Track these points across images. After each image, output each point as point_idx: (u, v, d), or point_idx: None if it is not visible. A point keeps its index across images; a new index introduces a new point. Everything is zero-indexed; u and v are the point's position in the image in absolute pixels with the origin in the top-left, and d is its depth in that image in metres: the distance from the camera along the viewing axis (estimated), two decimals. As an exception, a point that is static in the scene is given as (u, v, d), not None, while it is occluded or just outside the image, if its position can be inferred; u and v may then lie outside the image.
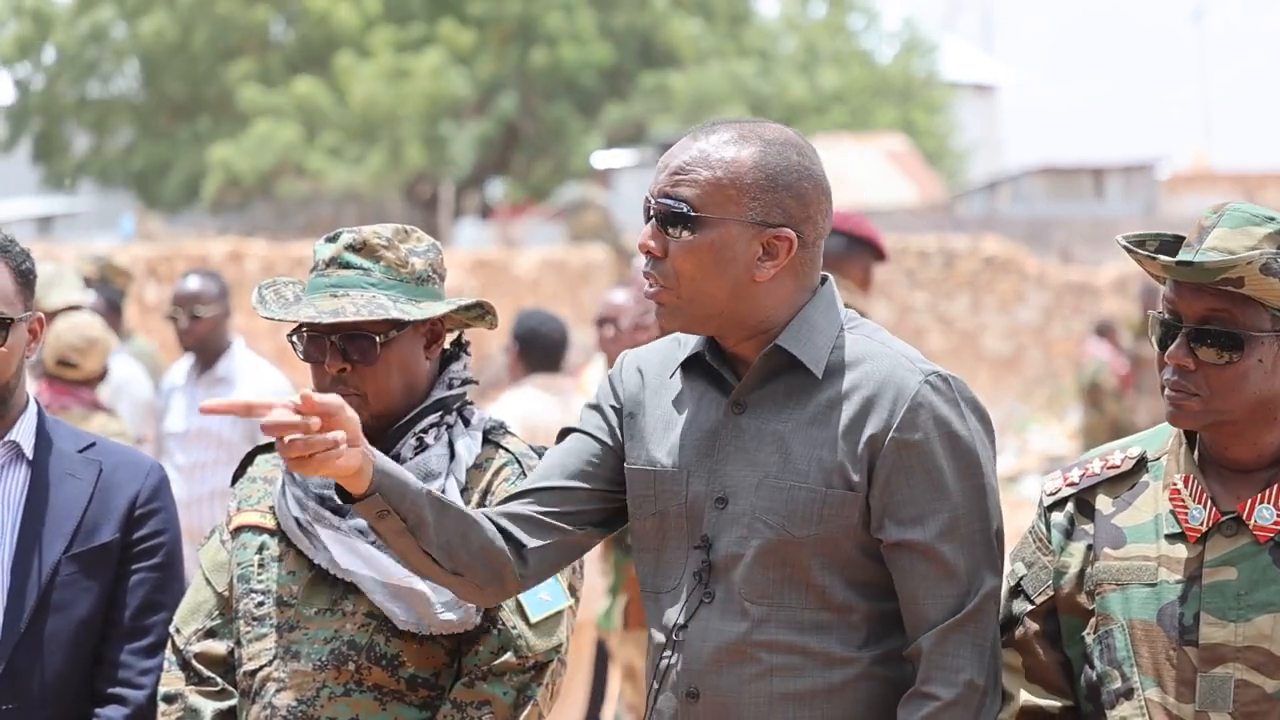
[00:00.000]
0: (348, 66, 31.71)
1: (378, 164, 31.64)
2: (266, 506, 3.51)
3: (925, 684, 2.98)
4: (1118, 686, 2.98)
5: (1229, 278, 2.88)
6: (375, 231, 3.46)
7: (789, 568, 3.02)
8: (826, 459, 3.01)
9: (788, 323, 3.06)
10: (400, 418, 3.44)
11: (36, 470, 3.55)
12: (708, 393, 3.11)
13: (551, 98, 33.77)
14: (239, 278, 17.26)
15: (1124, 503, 3.05)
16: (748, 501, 3.03)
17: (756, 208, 3.04)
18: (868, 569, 3.04)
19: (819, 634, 3.02)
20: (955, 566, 2.99)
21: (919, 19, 47.15)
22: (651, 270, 3.06)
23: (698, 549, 3.06)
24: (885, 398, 3.01)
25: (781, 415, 3.05)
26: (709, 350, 3.11)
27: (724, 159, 3.04)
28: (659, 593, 3.12)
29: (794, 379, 3.06)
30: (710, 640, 3.04)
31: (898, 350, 3.08)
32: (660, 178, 3.06)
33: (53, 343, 6.84)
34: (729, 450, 3.06)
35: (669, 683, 3.07)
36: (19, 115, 35.12)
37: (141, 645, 3.54)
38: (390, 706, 3.37)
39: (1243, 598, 2.92)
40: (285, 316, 3.40)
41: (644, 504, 3.13)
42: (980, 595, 3.00)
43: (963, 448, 3.01)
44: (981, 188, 38.27)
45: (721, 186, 3.03)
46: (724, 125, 3.10)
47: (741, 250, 3.04)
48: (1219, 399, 2.93)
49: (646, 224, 3.08)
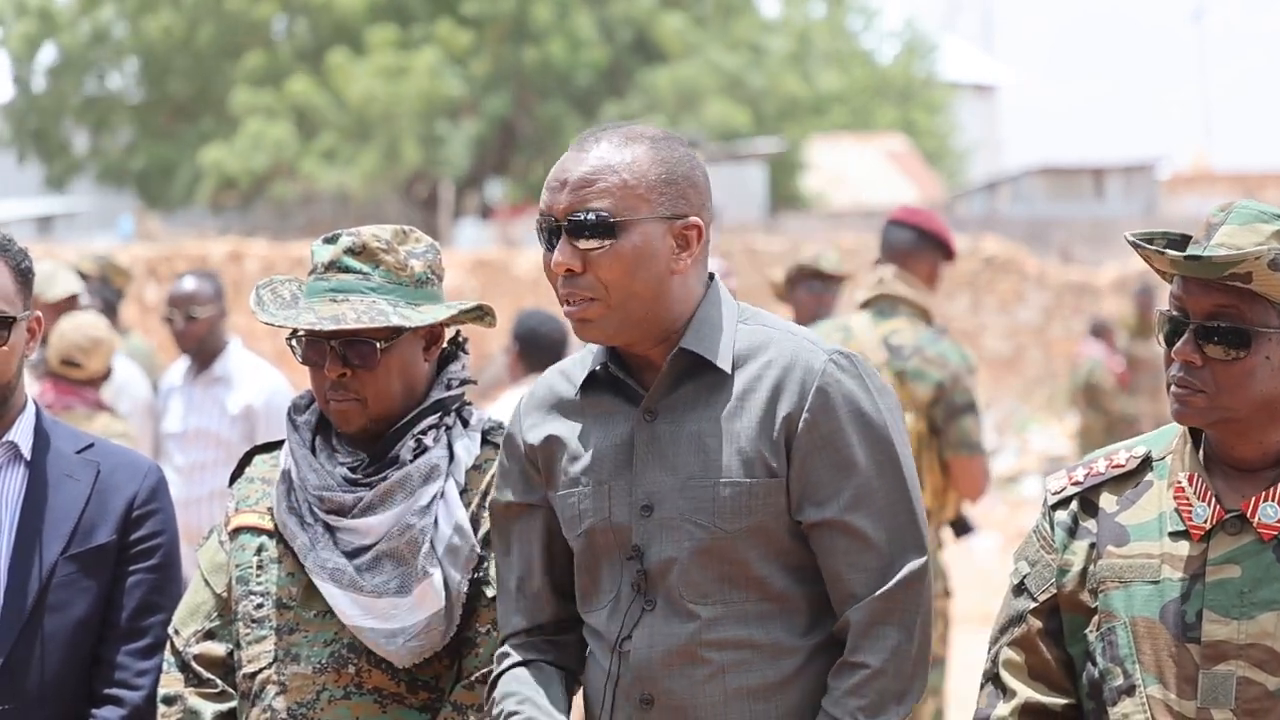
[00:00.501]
0: (343, 64, 31.69)
1: (372, 163, 31.63)
2: (265, 508, 3.50)
3: (854, 654, 3.03)
4: (1119, 683, 2.97)
5: (1237, 273, 2.87)
6: (374, 234, 3.44)
7: (727, 564, 3.05)
8: (746, 450, 3.05)
9: (688, 324, 3.11)
10: (399, 419, 3.44)
11: (34, 471, 3.54)
12: (615, 405, 3.13)
13: (547, 96, 33.76)
14: (239, 278, 17.26)
15: (1128, 501, 3.05)
16: (673, 506, 3.07)
17: (665, 202, 3.09)
18: (802, 554, 3.08)
19: (764, 626, 3.06)
20: (873, 539, 3.04)
21: (919, 19, 47.17)
22: (573, 288, 3.07)
23: (630, 560, 3.09)
24: (793, 380, 3.07)
25: (694, 415, 3.09)
26: (612, 362, 3.15)
27: (624, 162, 3.08)
28: (596, 609, 3.15)
29: (702, 378, 3.11)
30: (658, 646, 3.07)
31: (798, 333, 3.14)
32: (562, 195, 3.08)
33: (57, 342, 6.84)
34: (647, 459, 3.10)
35: (621, 692, 3.10)
36: (19, 115, 35.12)
37: (139, 646, 3.53)
38: (391, 709, 3.36)
39: (1246, 595, 2.91)
40: (284, 322, 3.39)
41: (572, 526, 3.16)
42: (905, 567, 3.04)
43: (871, 423, 3.07)
44: (981, 188, 38.26)
45: (630, 188, 3.07)
46: (604, 133, 3.14)
47: (659, 246, 3.08)
48: (1225, 395, 2.92)
49: (548, 245, 3.09)
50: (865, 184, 39.50)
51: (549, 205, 3.10)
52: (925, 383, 6.39)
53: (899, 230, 6.66)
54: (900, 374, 6.37)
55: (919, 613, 3.06)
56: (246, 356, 7.79)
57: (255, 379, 7.59)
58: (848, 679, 3.02)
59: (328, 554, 3.36)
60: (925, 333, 6.49)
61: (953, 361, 6.44)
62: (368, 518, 3.36)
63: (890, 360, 6.41)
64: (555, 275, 3.10)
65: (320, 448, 3.45)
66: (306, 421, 3.49)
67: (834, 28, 39.91)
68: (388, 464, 3.40)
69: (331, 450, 3.45)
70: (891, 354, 6.43)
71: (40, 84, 35.02)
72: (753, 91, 34.34)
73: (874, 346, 6.44)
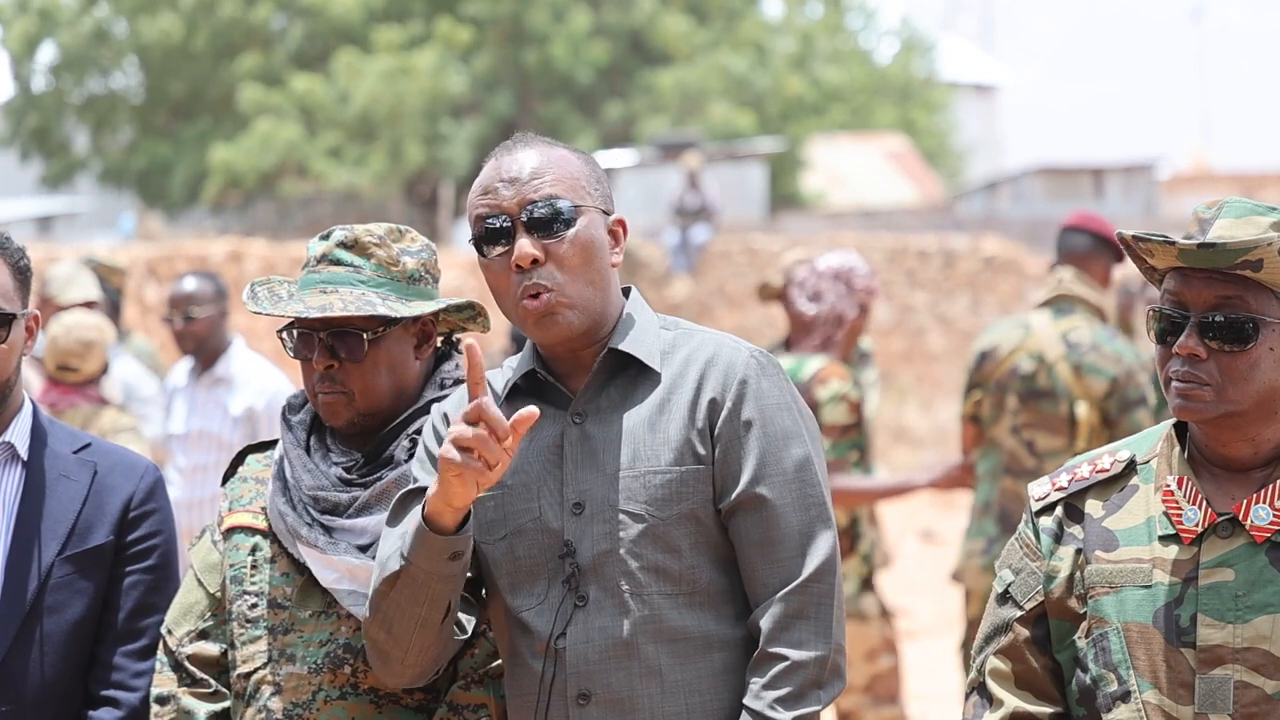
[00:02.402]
0: (349, 64, 31.70)
1: (378, 163, 31.62)
2: (259, 507, 3.50)
3: (771, 644, 3.06)
4: (1114, 689, 2.97)
5: (1249, 260, 2.87)
6: (368, 230, 3.46)
7: (659, 554, 3.09)
8: (674, 439, 3.11)
9: (615, 326, 3.17)
10: (390, 418, 3.44)
11: (31, 471, 3.54)
12: (541, 410, 3.12)
13: (548, 96, 33.74)
14: (239, 277, 17.24)
15: (1114, 506, 3.04)
16: (605, 499, 3.11)
17: (598, 197, 3.18)
18: (728, 543, 3.13)
19: (698, 617, 3.10)
20: (786, 531, 3.09)
21: (917, 18, 47.13)
22: (537, 280, 3.11)
23: (563, 557, 3.12)
24: (717, 371, 3.14)
25: (622, 414, 3.15)
26: (541, 368, 3.19)
27: (560, 158, 3.17)
28: (522, 610, 3.15)
29: (628, 378, 3.17)
30: (594, 641, 3.10)
31: (719, 334, 3.22)
32: (511, 191, 3.13)
33: (50, 348, 6.84)
34: (577, 458, 3.14)
35: (556, 691, 3.11)
36: (19, 114, 35.10)
37: (135, 647, 3.53)
38: (386, 709, 3.36)
39: (1241, 599, 2.91)
40: (274, 311, 3.41)
41: (494, 528, 3.18)
42: (818, 559, 3.09)
43: (785, 418, 3.14)
44: (981, 188, 38.24)
45: (575, 180, 3.16)
46: (523, 142, 3.21)
47: (601, 239, 3.17)
48: (1231, 388, 2.91)
49: (497, 245, 3.12)
50: (865, 184, 39.48)
51: (495, 204, 3.14)
52: (1100, 377, 6.76)
53: (1076, 235, 7.04)
54: (1077, 367, 6.75)
55: (834, 601, 3.10)
56: (249, 357, 7.78)
57: (257, 380, 7.58)
58: (765, 671, 3.06)
59: (324, 540, 3.36)
60: (1101, 330, 6.87)
61: (1126, 358, 6.80)
62: (363, 517, 3.36)
63: (1068, 354, 6.78)
64: (506, 276, 3.13)
65: (315, 447, 3.46)
66: (301, 421, 3.49)
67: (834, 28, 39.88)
68: (382, 464, 3.41)
69: (326, 450, 3.45)
70: (1069, 349, 6.79)
71: (40, 83, 35.00)
72: (756, 93, 34.32)
73: (1053, 342, 6.81)
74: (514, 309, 3.16)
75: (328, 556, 3.34)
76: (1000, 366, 6.90)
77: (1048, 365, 6.80)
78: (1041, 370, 6.81)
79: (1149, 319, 2.99)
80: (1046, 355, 6.81)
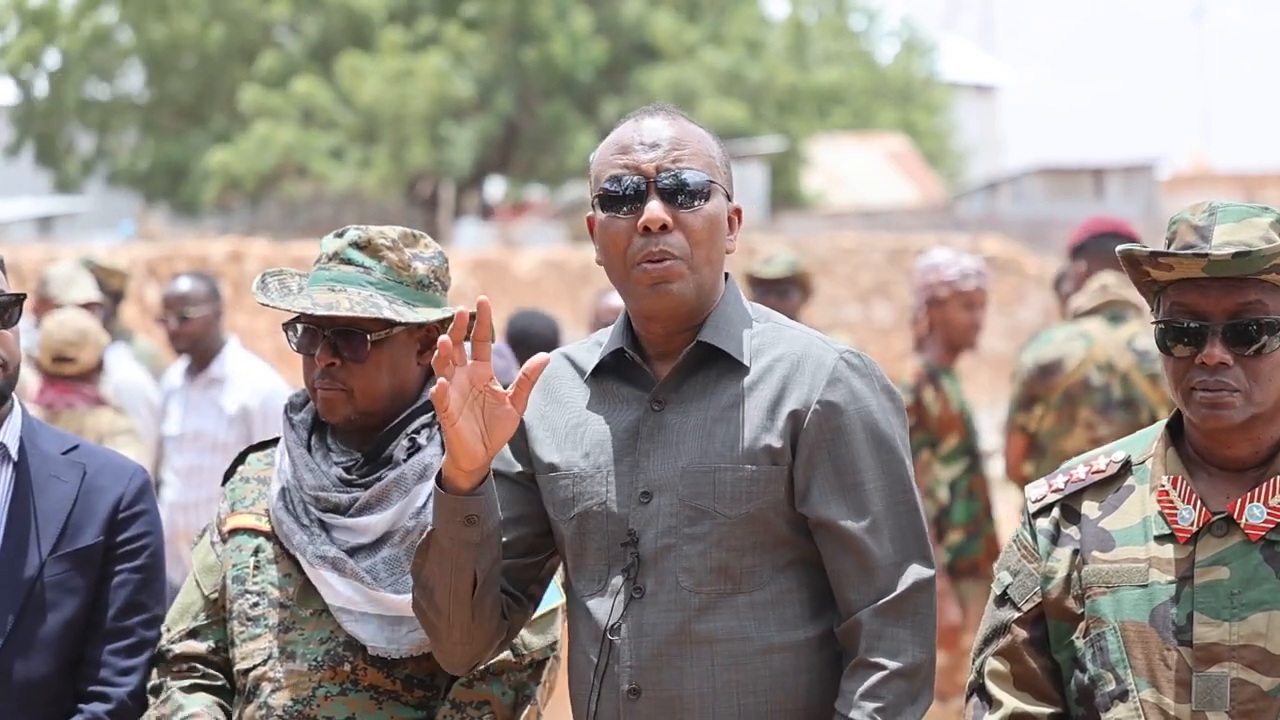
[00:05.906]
0: (353, 66, 31.69)
1: (381, 165, 31.63)
2: (262, 508, 3.51)
3: (870, 654, 3.00)
4: (1112, 689, 2.97)
5: (1277, 264, 2.88)
6: (382, 232, 3.47)
7: (722, 552, 3.03)
8: (750, 437, 3.04)
9: (708, 317, 3.10)
10: (388, 418, 3.45)
11: (21, 472, 3.54)
12: (622, 391, 3.12)
13: (549, 95, 33.75)
14: (240, 278, 17.24)
15: (1110, 506, 3.04)
16: (673, 492, 3.05)
17: (725, 180, 3.14)
18: (799, 546, 3.07)
19: (757, 619, 3.04)
20: (879, 543, 3.03)
21: (918, 18, 47.13)
22: (664, 246, 3.05)
23: (625, 545, 3.07)
24: (805, 372, 3.07)
25: (702, 405, 3.08)
26: (630, 348, 3.13)
27: (698, 134, 3.13)
28: (584, 595, 3.12)
29: (714, 370, 3.11)
30: (648, 635, 3.04)
31: (811, 332, 3.15)
32: (652, 154, 3.07)
33: (45, 342, 6.82)
34: (650, 446, 3.08)
35: (608, 682, 3.07)
36: (23, 116, 35.10)
37: (123, 645, 3.53)
38: (387, 706, 3.37)
39: (1236, 597, 2.91)
40: (282, 305, 3.43)
41: (565, 508, 3.14)
42: (912, 571, 3.03)
43: (876, 424, 3.07)
44: (981, 188, 38.29)
45: (711, 158, 3.12)
46: (665, 111, 3.15)
47: (724, 220, 3.12)
48: (1259, 391, 2.92)
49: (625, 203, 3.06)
50: (865, 184, 39.49)
51: (633, 164, 3.08)
52: None
53: (1113, 240, 6.89)
54: (1152, 377, 6.56)
55: (929, 616, 3.05)
56: (244, 357, 7.76)
57: (251, 380, 7.56)
58: (863, 680, 3.00)
59: (327, 546, 3.37)
60: None
61: None
62: (364, 517, 3.38)
63: (1139, 363, 6.62)
64: (629, 238, 3.05)
65: (316, 447, 3.46)
66: (303, 420, 3.50)
67: (836, 28, 39.87)
68: (382, 464, 3.42)
69: (327, 450, 3.46)
70: (1139, 357, 6.63)
71: (43, 88, 34.99)
72: (750, 87, 34.28)
73: (1119, 350, 6.65)
74: (627, 273, 3.08)
75: (337, 577, 3.35)
76: (1069, 379, 6.70)
77: (1120, 375, 6.65)
78: (1114, 381, 6.65)
79: (1159, 332, 2.97)
80: (1117, 365, 6.64)
